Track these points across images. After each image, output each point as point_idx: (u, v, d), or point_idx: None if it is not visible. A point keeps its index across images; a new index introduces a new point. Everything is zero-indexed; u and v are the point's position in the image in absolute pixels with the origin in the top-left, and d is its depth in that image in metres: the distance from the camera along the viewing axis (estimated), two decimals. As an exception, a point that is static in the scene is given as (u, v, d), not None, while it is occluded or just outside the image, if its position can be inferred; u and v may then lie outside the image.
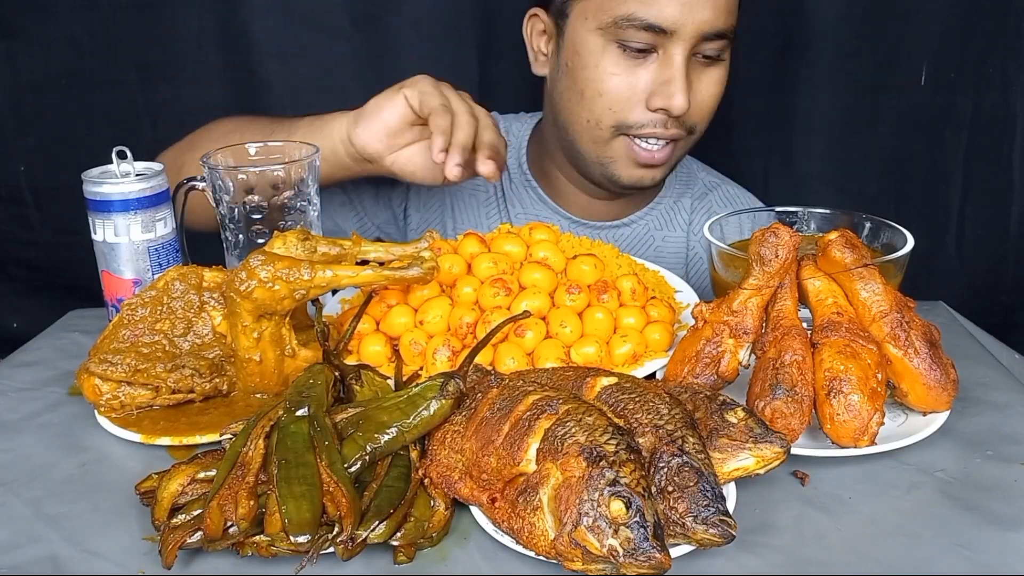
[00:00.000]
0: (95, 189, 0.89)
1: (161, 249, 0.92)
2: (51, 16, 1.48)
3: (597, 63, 1.07)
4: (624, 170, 1.13)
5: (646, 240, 1.26)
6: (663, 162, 1.12)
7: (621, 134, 1.10)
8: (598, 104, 1.09)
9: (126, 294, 0.91)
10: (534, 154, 1.27)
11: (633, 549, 0.55)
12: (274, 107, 1.52)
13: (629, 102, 1.07)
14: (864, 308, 0.77)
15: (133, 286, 0.91)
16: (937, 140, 1.52)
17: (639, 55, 1.06)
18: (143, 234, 0.91)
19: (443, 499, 0.66)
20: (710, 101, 1.11)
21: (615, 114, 1.09)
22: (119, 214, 0.89)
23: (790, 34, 1.48)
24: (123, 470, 0.74)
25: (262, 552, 0.61)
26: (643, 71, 1.06)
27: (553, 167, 1.24)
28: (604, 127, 1.10)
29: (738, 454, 0.65)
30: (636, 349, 0.86)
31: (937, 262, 1.56)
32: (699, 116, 1.11)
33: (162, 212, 0.92)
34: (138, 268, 0.92)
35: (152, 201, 0.91)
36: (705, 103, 1.10)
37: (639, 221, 1.26)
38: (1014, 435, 0.77)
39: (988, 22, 1.44)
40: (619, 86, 1.07)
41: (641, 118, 1.08)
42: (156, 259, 0.92)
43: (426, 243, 0.89)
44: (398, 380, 0.82)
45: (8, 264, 1.65)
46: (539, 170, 1.26)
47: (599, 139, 1.12)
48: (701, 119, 1.11)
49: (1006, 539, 0.64)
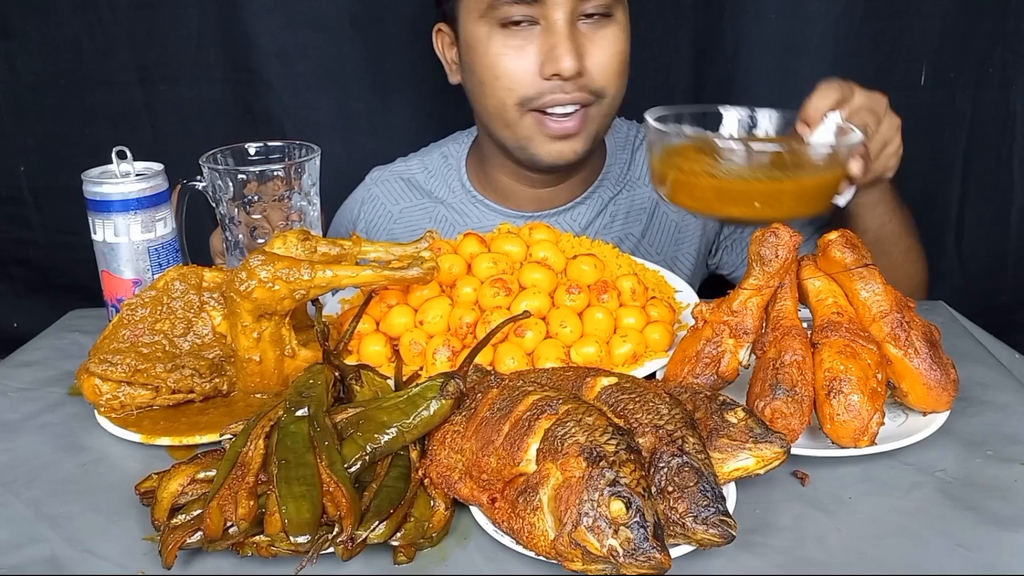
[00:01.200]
0: (95, 189, 0.89)
1: (161, 249, 0.92)
2: (51, 16, 1.48)
3: (487, 49, 1.09)
4: (541, 147, 1.13)
5: (601, 212, 1.25)
6: (577, 131, 1.11)
7: (529, 111, 1.11)
8: (498, 87, 1.10)
9: (126, 294, 0.91)
10: (475, 168, 1.28)
11: (633, 549, 0.55)
12: (274, 107, 1.52)
13: (524, 77, 1.08)
14: (864, 308, 0.77)
15: (133, 286, 0.91)
16: (937, 140, 1.52)
17: (522, 30, 1.07)
18: (143, 234, 0.91)
19: (443, 499, 0.66)
20: (610, 60, 1.09)
21: (514, 92, 1.09)
22: (119, 214, 0.89)
23: (790, 34, 1.48)
24: (123, 470, 0.74)
25: (262, 552, 0.61)
26: (530, 45, 1.07)
27: (495, 172, 1.25)
28: (510, 108, 1.11)
29: (738, 454, 0.65)
30: (636, 349, 0.86)
31: (937, 262, 1.56)
32: (603, 79, 1.09)
33: (162, 212, 0.92)
34: (138, 268, 0.92)
35: (152, 201, 0.91)
36: (605, 64, 1.09)
37: (592, 196, 1.25)
38: (1014, 435, 0.77)
39: (988, 22, 1.44)
40: (510, 64, 1.08)
41: (539, 88, 1.08)
42: (156, 259, 0.92)
43: (426, 243, 0.89)
44: (398, 380, 0.82)
45: (8, 264, 1.65)
46: (483, 181, 1.27)
47: (510, 122, 1.12)
48: (607, 82, 1.10)
49: (1006, 539, 0.64)
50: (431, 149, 1.33)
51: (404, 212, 1.28)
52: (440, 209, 1.27)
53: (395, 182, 1.31)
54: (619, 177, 1.27)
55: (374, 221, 1.29)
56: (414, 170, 1.31)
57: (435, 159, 1.30)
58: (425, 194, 1.29)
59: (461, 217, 1.27)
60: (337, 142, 1.51)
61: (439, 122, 1.43)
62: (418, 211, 1.28)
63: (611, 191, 1.26)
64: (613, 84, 1.10)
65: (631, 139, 1.30)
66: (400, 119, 1.52)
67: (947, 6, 1.44)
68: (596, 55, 1.08)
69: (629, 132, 1.31)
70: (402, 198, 1.29)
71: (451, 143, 1.32)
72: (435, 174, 1.29)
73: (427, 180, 1.30)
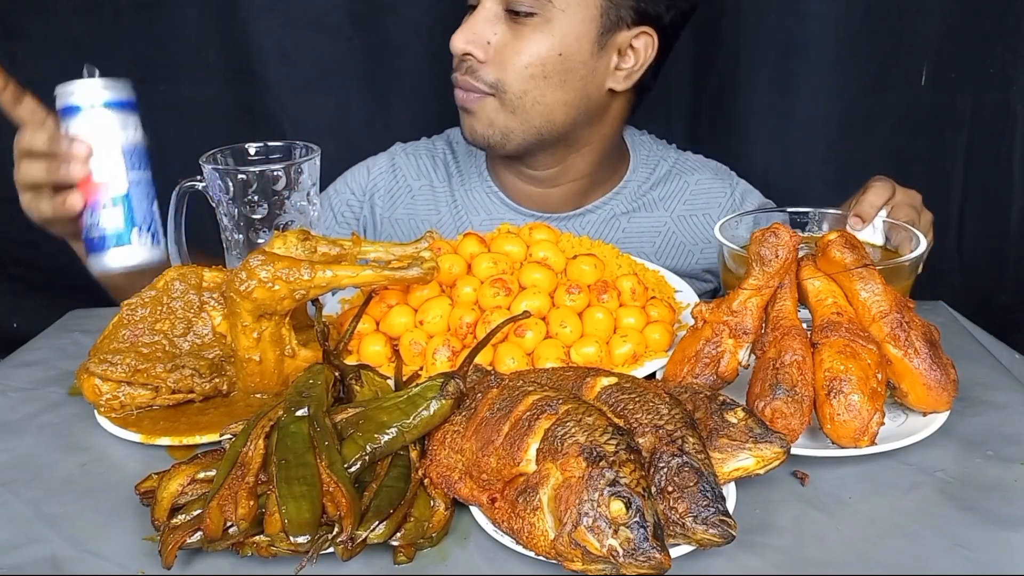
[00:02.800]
0: (66, 94, 0.92)
1: (132, 153, 0.93)
2: (51, 16, 1.48)
3: None
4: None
5: (610, 223, 1.26)
6: (474, 112, 1.14)
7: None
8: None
9: (105, 197, 0.91)
10: (493, 159, 1.29)
11: (633, 549, 0.55)
12: (274, 107, 1.52)
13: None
14: (864, 308, 0.77)
15: (111, 186, 0.91)
16: (937, 140, 1.52)
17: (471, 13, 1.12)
18: (123, 134, 0.92)
19: (443, 499, 0.66)
20: (513, 58, 1.10)
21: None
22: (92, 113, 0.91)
23: (790, 34, 1.48)
24: (123, 470, 0.74)
25: (262, 552, 0.61)
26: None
27: (500, 165, 1.26)
28: None
29: (738, 454, 0.65)
30: (636, 349, 0.86)
31: (937, 262, 1.56)
32: (501, 74, 1.11)
33: (131, 118, 0.93)
34: (118, 169, 0.92)
35: (123, 106, 0.92)
36: (508, 60, 1.10)
37: (603, 206, 1.26)
38: (1014, 435, 0.77)
39: (988, 22, 1.44)
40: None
41: (456, 64, 1.14)
42: (132, 161, 0.92)
43: (426, 243, 0.89)
44: (398, 380, 0.82)
45: (8, 264, 1.65)
46: (497, 173, 1.28)
47: None
48: (505, 78, 1.11)
49: (1006, 539, 0.64)
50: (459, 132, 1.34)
51: (422, 190, 1.29)
52: (460, 194, 1.28)
53: (423, 158, 1.32)
54: (637, 194, 1.27)
55: (393, 191, 1.29)
56: (438, 150, 1.32)
57: (463, 145, 1.31)
58: (447, 177, 1.29)
59: (471, 205, 1.27)
60: (337, 142, 1.51)
61: (439, 122, 1.43)
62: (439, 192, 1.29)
63: (625, 206, 1.26)
64: (515, 83, 1.11)
65: (656, 160, 1.30)
66: (400, 119, 1.52)
67: (947, 6, 1.44)
68: (503, 50, 1.10)
69: (659, 153, 1.31)
70: (424, 175, 1.30)
71: None
72: (460, 158, 1.31)
73: (451, 162, 1.30)
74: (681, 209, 1.27)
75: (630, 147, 1.30)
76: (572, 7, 1.09)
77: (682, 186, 1.28)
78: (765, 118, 1.56)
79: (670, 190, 1.28)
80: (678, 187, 1.28)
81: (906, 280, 0.85)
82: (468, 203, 1.27)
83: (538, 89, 1.11)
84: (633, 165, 1.28)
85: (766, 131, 1.57)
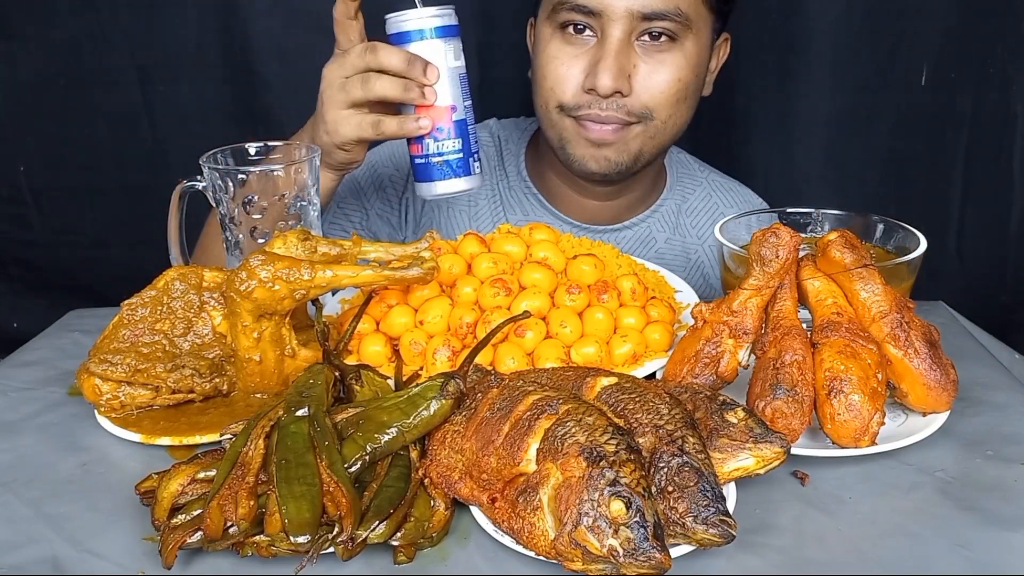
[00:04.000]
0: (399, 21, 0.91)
1: (462, 80, 0.93)
2: (51, 17, 1.48)
3: (544, 49, 1.11)
4: (577, 150, 1.14)
5: (647, 242, 1.26)
6: (613, 142, 1.11)
7: (568, 116, 1.12)
8: (544, 87, 1.12)
9: (445, 123, 0.92)
10: (532, 160, 1.28)
11: (633, 549, 0.55)
12: (274, 107, 1.52)
13: (567, 84, 1.10)
14: (864, 308, 0.77)
15: (451, 112, 0.92)
16: (937, 140, 1.52)
17: (582, 39, 1.08)
18: (455, 61, 0.92)
19: (443, 499, 0.66)
20: (661, 86, 1.08)
21: (555, 95, 1.11)
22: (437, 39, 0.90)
23: (790, 34, 1.48)
24: (123, 470, 0.74)
25: (262, 552, 0.61)
26: (583, 53, 1.08)
27: (548, 170, 1.25)
28: (551, 109, 1.12)
29: (738, 454, 0.65)
30: (636, 349, 0.86)
31: (937, 262, 1.56)
32: (651, 102, 1.09)
33: (459, 45, 0.93)
34: (455, 95, 0.92)
35: (452, 32, 0.92)
36: (656, 88, 1.08)
37: (640, 224, 1.26)
38: (1014, 435, 0.77)
39: (988, 22, 1.44)
40: (557, 68, 1.10)
41: (577, 99, 1.10)
42: (463, 88, 0.93)
43: (426, 243, 0.89)
44: (398, 380, 0.82)
45: (8, 264, 1.65)
46: (538, 175, 1.27)
47: (552, 123, 1.14)
48: (655, 106, 1.09)
49: (1006, 539, 0.64)
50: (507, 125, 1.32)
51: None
52: (501, 188, 1.27)
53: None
54: (670, 215, 1.27)
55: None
56: (483, 140, 1.29)
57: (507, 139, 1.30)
58: (490, 169, 1.28)
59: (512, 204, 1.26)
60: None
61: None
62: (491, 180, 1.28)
63: (661, 226, 1.26)
64: (662, 110, 1.10)
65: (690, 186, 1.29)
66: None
67: (947, 6, 1.44)
68: (648, 79, 1.08)
69: (692, 176, 1.31)
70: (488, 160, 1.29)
71: (513, 128, 1.32)
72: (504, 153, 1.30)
73: (494, 155, 1.30)
74: (712, 240, 1.26)
75: (666, 164, 1.30)
76: (699, 23, 1.09)
77: (712, 207, 1.28)
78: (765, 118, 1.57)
79: (701, 220, 1.28)
80: (709, 219, 1.28)
81: (906, 280, 0.85)
82: (508, 200, 1.26)
83: (679, 111, 1.11)
84: (669, 184, 1.28)
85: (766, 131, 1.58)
